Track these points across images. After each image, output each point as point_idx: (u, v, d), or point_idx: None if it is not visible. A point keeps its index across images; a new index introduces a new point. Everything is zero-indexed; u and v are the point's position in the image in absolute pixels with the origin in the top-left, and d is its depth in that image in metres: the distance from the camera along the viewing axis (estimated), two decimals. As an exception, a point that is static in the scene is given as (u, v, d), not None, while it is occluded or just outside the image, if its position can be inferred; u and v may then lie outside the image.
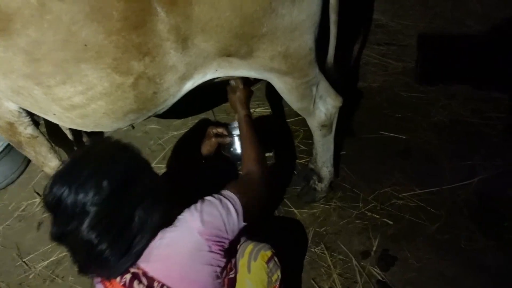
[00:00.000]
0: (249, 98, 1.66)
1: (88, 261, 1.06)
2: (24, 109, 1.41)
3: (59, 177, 1.04)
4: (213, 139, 1.72)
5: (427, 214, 1.86)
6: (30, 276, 1.90)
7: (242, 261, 1.32)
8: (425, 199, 1.92)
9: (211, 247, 1.16)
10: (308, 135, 2.13)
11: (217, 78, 1.42)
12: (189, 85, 1.36)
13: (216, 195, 1.23)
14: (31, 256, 1.98)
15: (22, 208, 2.21)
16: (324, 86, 1.59)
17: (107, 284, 1.13)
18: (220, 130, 1.74)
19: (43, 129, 1.75)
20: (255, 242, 1.37)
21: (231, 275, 1.31)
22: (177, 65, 1.25)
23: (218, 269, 1.19)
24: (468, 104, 2.35)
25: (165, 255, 1.12)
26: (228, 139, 1.80)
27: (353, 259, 1.75)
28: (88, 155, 1.10)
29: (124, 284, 1.10)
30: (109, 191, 1.01)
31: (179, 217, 1.18)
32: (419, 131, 2.24)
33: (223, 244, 1.19)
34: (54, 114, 1.33)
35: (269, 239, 1.41)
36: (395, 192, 1.96)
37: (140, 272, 1.11)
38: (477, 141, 2.14)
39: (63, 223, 1.01)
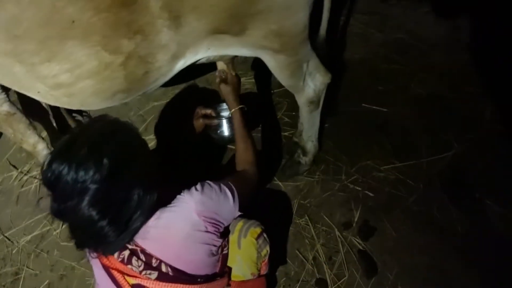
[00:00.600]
0: (239, 85, 1.69)
1: (87, 236, 1.07)
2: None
3: (58, 154, 1.03)
4: (201, 120, 1.72)
5: (405, 186, 1.95)
6: (14, 251, 1.87)
7: (232, 237, 1.37)
8: (403, 172, 2.00)
9: (207, 227, 1.19)
10: (292, 107, 2.14)
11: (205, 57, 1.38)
12: (181, 65, 1.32)
13: (216, 182, 1.26)
14: (12, 231, 1.95)
15: (-2, 182, 2.14)
16: (314, 63, 1.59)
17: (104, 260, 1.15)
18: (208, 111, 1.74)
19: (13, 98, 1.64)
20: (244, 219, 1.41)
21: (225, 251, 1.35)
22: (169, 43, 1.20)
23: (214, 248, 1.23)
24: (444, 78, 2.40)
25: (162, 233, 1.14)
26: (215, 121, 1.80)
27: (336, 229, 1.83)
28: (86, 132, 1.08)
29: (123, 260, 1.13)
30: (109, 169, 1.00)
31: (178, 196, 1.20)
32: (398, 105, 2.27)
33: (218, 227, 1.23)
34: (38, 92, 1.26)
35: (254, 211, 1.44)
36: (376, 165, 2.03)
37: (138, 249, 1.13)
38: (452, 115, 2.21)
39: (62, 199, 1.01)
